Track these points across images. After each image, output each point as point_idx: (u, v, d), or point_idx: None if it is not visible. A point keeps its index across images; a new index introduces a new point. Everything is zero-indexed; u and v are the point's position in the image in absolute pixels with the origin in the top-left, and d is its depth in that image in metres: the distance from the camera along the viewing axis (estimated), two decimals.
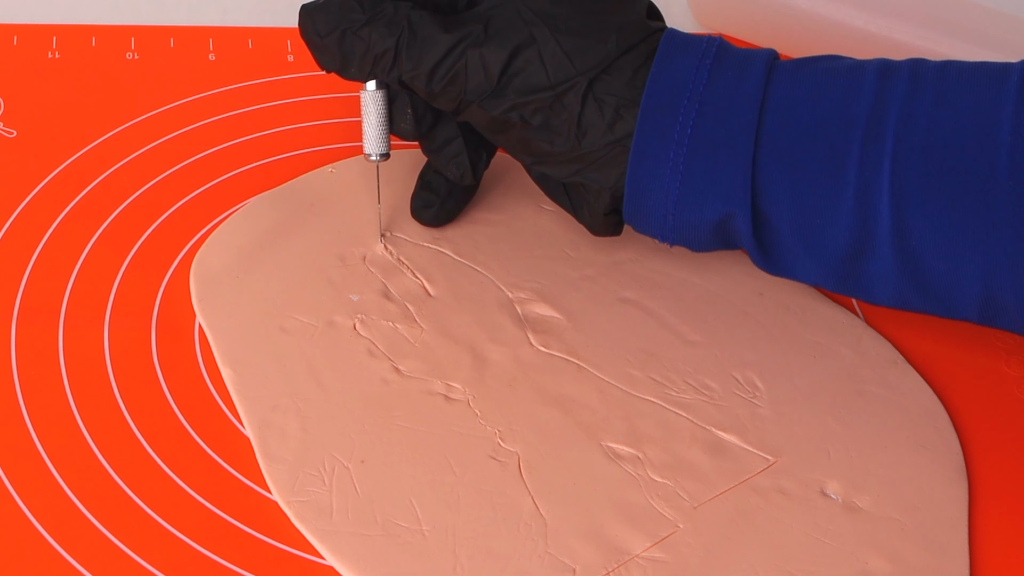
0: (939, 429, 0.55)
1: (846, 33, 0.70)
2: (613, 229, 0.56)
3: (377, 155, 0.57)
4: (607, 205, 0.53)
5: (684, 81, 0.51)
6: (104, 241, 0.59)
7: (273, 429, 0.52)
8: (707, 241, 0.53)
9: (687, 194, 0.51)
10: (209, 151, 0.64)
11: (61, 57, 0.68)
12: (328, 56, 0.55)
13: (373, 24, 0.53)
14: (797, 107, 0.51)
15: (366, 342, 0.55)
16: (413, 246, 0.59)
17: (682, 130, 0.51)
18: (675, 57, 0.52)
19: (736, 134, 0.51)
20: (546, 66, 0.52)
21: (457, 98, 0.53)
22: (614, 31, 0.52)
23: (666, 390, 0.55)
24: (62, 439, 0.52)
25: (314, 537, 0.49)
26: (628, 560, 0.49)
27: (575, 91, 0.52)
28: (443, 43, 0.53)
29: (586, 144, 0.52)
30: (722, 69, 0.52)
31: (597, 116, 0.52)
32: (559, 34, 0.52)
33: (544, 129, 0.52)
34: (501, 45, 0.52)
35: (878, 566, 0.49)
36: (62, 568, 0.48)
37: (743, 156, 0.51)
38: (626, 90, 0.52)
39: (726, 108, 0.51)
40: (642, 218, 0.53)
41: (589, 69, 0.52)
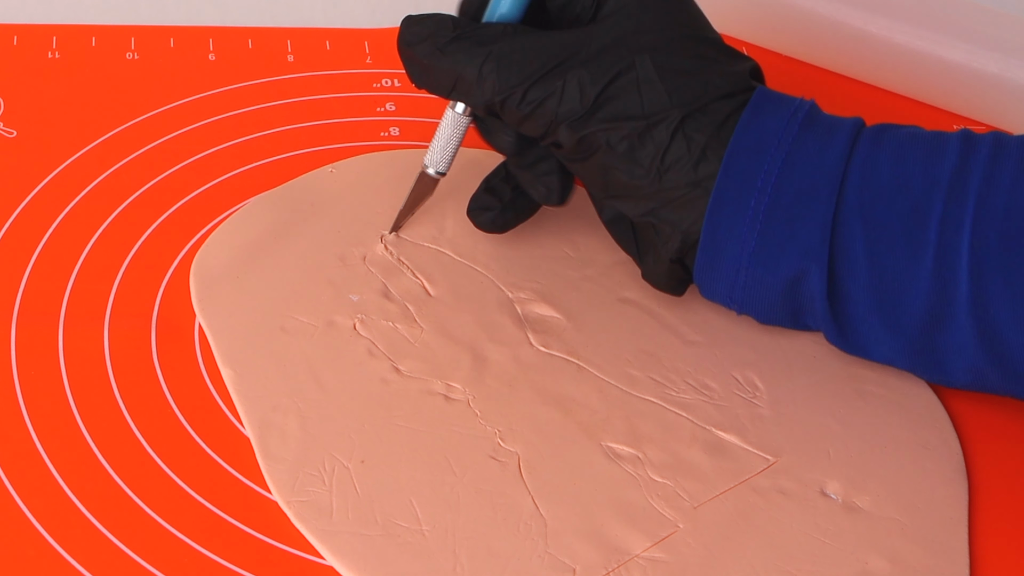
0: (939, 429, 0.55)
1: (846, 33, 0.70)
2: (677, 284, 0.54)
3: (435, 171, 0.58)
4: (675, 251, 0.52)
5: (774, 131, 0.51)
6: (104, 241, 0.59)
7: (273, 429, 0.52)
8: (777, 303, 0.52)
9: (764, 245, 0.51)
10: (209, 151, 0.64)
11: (61, 57, 0.68)
12: (418, 72, 0.54)
13: (459, 42, 0.53)
14: (880, 166, 0.51)
15: (366, 342, 0.55)
16: (413, 246, 0.59)
17: (766, 178, 0.51)
18: (767, 108, 0.52)
19: (820, 187, 0.50)
20: (642, 95, 0.51)
21: (548, 122, 0.52)
22: (716, 76, 0.52)
23: (666, 390, 0.55)
24: (62, 439, 0.52)
25: (314, 537, 0.49)
26: (628, 560, 0.49)
27: (666, 124, 0.51)
28: (538, 62, 0.52)
29: (667, 181, 0.51)
30: (812, 125, 0.51)
31: (683, 153, 0.51)
32: (661, 68, 0.52)
33: (627, 159, 0.52)
34: (601, 69, 0.52)
35: (878, 566, 0.49)
36: (62, 568, 0.48)
37: (825, 209, 0.50)
38: (716, 132, 0.51)
39: (813, 161, 0.51)
40: (713, 270, 0.52)
41: (684, 105, 0.51)
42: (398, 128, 0.66)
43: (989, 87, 0.68)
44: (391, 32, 0.71)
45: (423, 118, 0.67)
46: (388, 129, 0.66)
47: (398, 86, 0.68)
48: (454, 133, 0.57)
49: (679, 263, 0.54)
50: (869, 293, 0.51)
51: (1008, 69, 0.68)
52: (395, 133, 0.66)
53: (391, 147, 0.65)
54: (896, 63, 0.70)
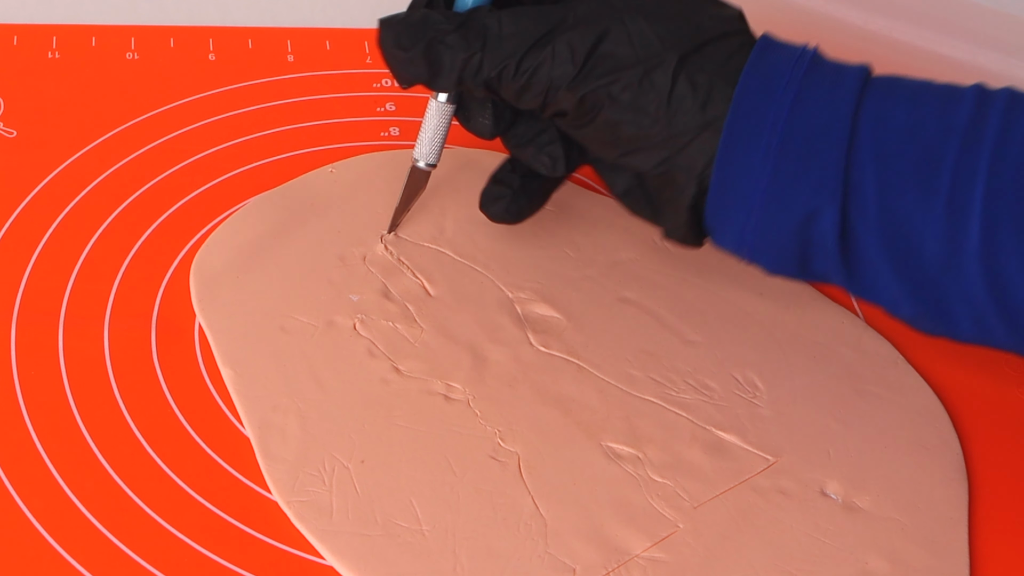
0: (939, 429, 0.55)
1: (845, 32, 0.70)
2: (695, 235, 0.54)
3: (425, 163, 0.58)
4: (692, 196, 0.52)
5: (783, 71, 0.51)
6: (104, 241, 0.59)
7: (273, 429, 0.52)
8: (788, 246, 0.51)
9: (777, 183, 0.50)
10: (209, 151, 0.64)
11: (61, 57, 0.68)
12: (414, 68, 0.54)
13: (460, 31, 0.53)
14: (895, 109, 0.50)
15: (366, 342, 0.55)
16: (413, 246, 0.59)
17: (777, 115, 0.50)
18: (774, 50, 0.52)
19: (833, 125, 0.50)
20: (634, 44, 0.51)
21: (543, 90, 0.52)
22: (706, 19, 0.52)
23: (666, 390, 0.55)
24: (62, 439, 0.52)
25: (314, 537, 0.49)
26: (628, 560, 0.49)
27: (664, 67, 0.51)
28: (529, 34, 0.52)
29: (676, 124, 0.51)
30: (820, 67, 0.51)
31: (688, 94, 0.51)
32: (649, 17, 0.52)
33: (632, 108, 0.51)
34: (588, 27, 0.52)
35: (878, 566, 0.49)
36: (62, 568, 0.48)
37: (838, 147, 0.50)
38: (720, 72, 0.51)
39: (824, 99, 0.50)
40: (726, 214, 0.51)
41: (678, 47, 0.51)
42: (398, 128, 0.66)
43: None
44: None
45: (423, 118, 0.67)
46: (388, 129, 0.66)
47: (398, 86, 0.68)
48: (440, 123, 0.57)
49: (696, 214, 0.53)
50: (879, 235, 0.50)
51: (1008, 69, 0.68)
52: (395, 133, 0.66)
53: (391, 147, 0.65)
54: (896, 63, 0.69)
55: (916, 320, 0.52)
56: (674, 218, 0.53)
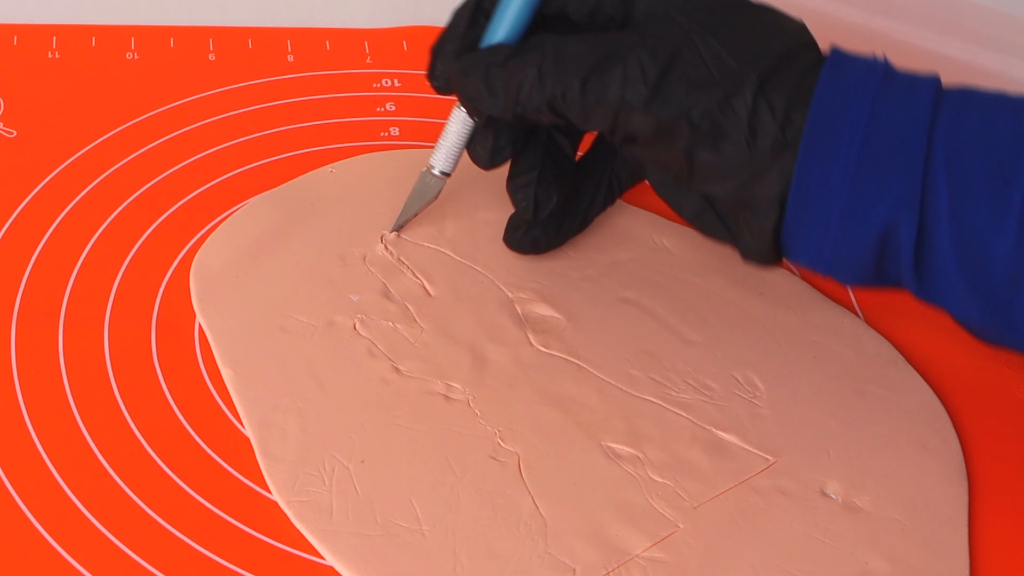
0: (939, 429, 0.55)
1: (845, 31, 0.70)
2: (776, 253, 0.53)
3: (439, 171, 0.58)
4: (776, 221, 0.51)
5: (856, 85, 0.50)
6: (104, 241, 0.59)
7: (273, 429, 0.52)
8: (864, 260, 0.51)
9: (856, 198, 0.50)
10: (209, 151, 0.64)
11: (61, 57, 0.68)
12: (471, 93, 0.53)
13: (519, 55, 0.52)
14: (968, 122, 0.50)
15: (366, 342, 0.55)
16: (413, 246, 0.59)
17: (853, 130, 0.50)
18: (846, 66, 0.51)
19: (909, 135, 0.49)
20: (710, 65, 0.51)
21: (614, 111, 0.51)
22: (776, 35, 0.52)
23: (666, 390, 0.55)
24: (62, 439, 0.52)
25: (314, 537, 0.49)
26: (628, 560, 0.49)
27: (745, 90, 0.50)
28: (594, 51, 0.51)
29: (756, 150, 0.50)
30: (894, 80, 0.51)
31: (767, 117, 0.50)
32: (720, 37, 0.51)
33: (713, 134, 0.51)
34: (659, 47, 0.51)
35: (878, 566, 0.49)
36: (62, 568, 0.48)
37: (915, 157, 0.49)
38: (796, 91, 0.50)
39: (899, 111, 0.50)
40: (803, 232, 0.51)
41: (755, 68, 0.50)
42: (398, 128, 0.66)
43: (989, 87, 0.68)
44: (391, 32, 0.71)
45: (423, 118, 0.67)
46: (388, 129, 0.66)
47: (398, 86, 0.68)
48: (461, 132, 0.57)
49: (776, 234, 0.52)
50: (952, 248, 0.50)
51: (1008, 69, 0.68)
52: (395, 133, 0.66)
53: (391, 147, 0.65)
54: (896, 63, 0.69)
55: (983, 330, 0.52)
56: (756, 242, 0.53)
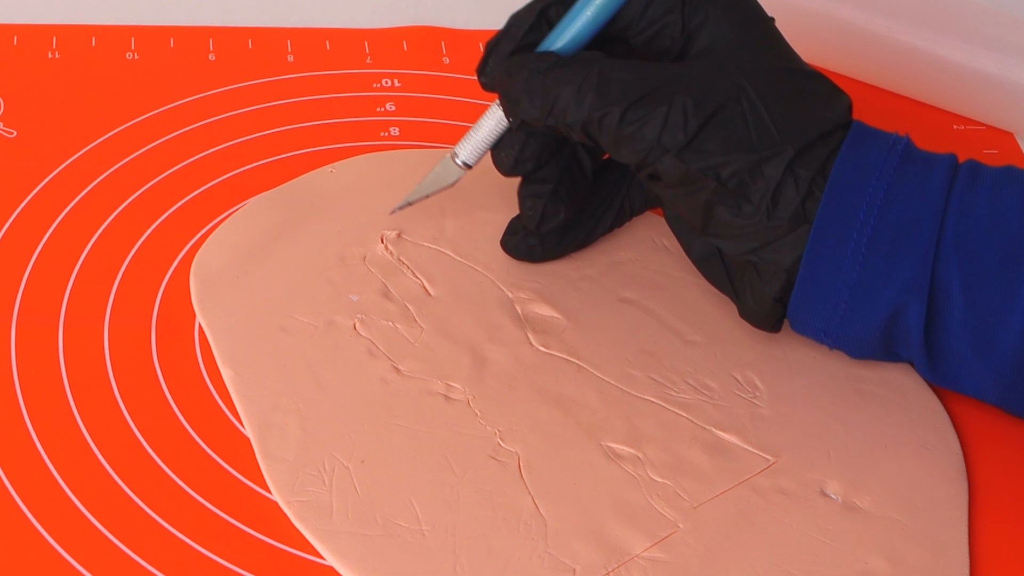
0: (939, 429, 0.55)
1: (846, 32, 0.70)
2: (776, 321, 0.54)
3: (462, 161, 0.56)
4: (779, 289, 0.52)
5: (875, 164, 0.50)
6: (104, 241, 0.59)
7: (273, 429, 0.52)
8: (872, 338, 0.52)
9: (866, 279, 0.50)
10: (209, 151, 0.64)
11: (61, 57, 0.68)
12: (511, 95, 0.53)
13: (563, 67, 0.52)
14: (978, 199, 0.50)
15: (366, 342, 0.55)
16: (413, 246, 0.59)
17: (868, 210, 0.50)
18: (866, 142, 0.51)
19: (922, 220, 0.50)
20: (751, 128, 0.50)
21: (647, 148, 0.51)
22: (820, 110, 0.51)
23: (666, 390, 0.55)
24: (62, 439, 0.52)
25: (314, 537, 0.49)
26: (628, 560, 0.49)
27: (779, 160, 0.50)
28: (640, 83, 0.51)
29: (774, 219, 0.50)
30: (911, 159, 0.51)
31: (792, 189, 0.50)
32: (767, 100, 0.51)
33: (737, 195, 0.50)
34: (707, 96, 0.50)
35: (878, 566, 0.49)
36: (62, 568, 0.48)
37: (927, 243, 0.49)
38: (822, 167, 0.50)
39: (914, 194, 0.50)
40: (811, 306, 0.51)
41: (794, 140, 0.50)
42: (398, 128, 0.66)
43: (989, 87, 0.68)
44: (391, 32, 0.71)
45: (423, 118, 0.67)
46: (388, 129, 0.66)
47: (398, 86, 0.68)
48: (494, 131, 0.56)
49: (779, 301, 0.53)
50: (964, 328, 0.50)
51: (1008, 69, 0.68)
52: (395, 133, 0.66)
53: (391, 147, 0.65)
54: (896, 63, 0.70)
55: (1003, 404, 0.52)
56: (755, 304, 0.53)
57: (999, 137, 0.70)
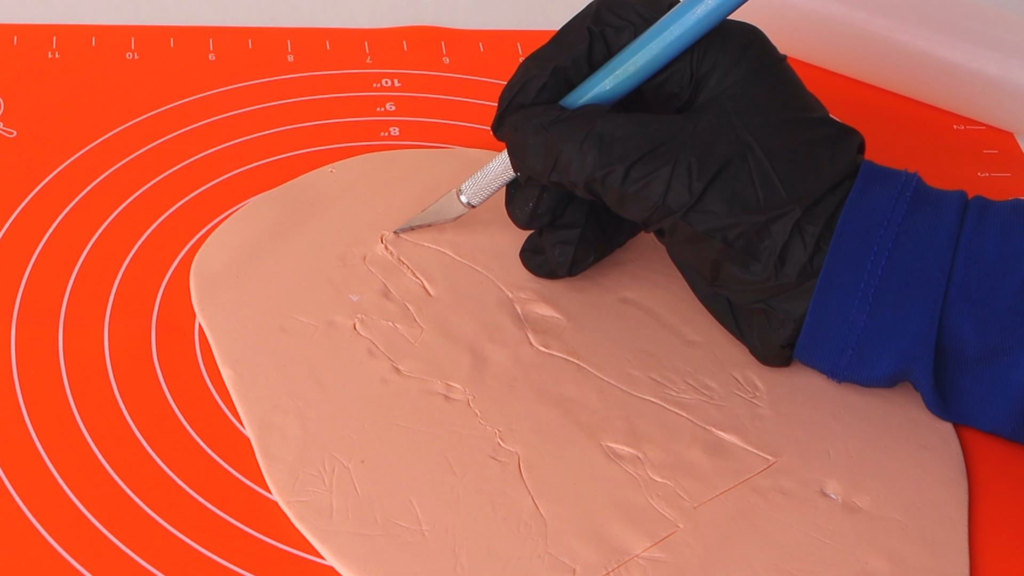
0: (939, 429, 0.54)
1: (845, 32, 0.70)
2: (784, 359, 0.54)
3: (467, 200, 0.57)
4: (788, 337, 0.52)
5: (883, 212, 0.50)
6: (104, 241, 0.59)
7: (273, 429, 0.52)
8: (881, 380, 0.52)
9: (873, 329, 0.50)
10: (209, 151, 0.64)
11: (61, 57, 0.68)
12: (515, 150, 0.53)
13: (565, 122, 0.51)
14: (986, 243, 0.50)
15: (366, 342, 0.55)
16: (413, 246, 0.59)
17: (876, 260, 0.50)
18: (873, 189, 0.50)
19: (930, 270, 0.49)
20: (757, 188, 0.50)
21: (652, 207, 0.50)
22: (827, 164, 0.51)
23: (666, 390, 0.55)
24: (62, 439, 0.52)
25: (314, 537, 0.49)
26: (628, 560, 0.49)
27: (786, 220, 0.50)
28: (644, 141, 0.50)
29: (783, 275, 0.50)
30: (920, 204, 0.50)
31: (799, 247, 0.50)
32: (773, 158, 0.50)
33: (744, 255, 0.50)
34: (711, 155, 0.50)
35: (878, 566, 0.49)
36: (62, 568, 0.48)
37: (935, 292, 0.49)
38: (828, 223, 0.50)
39: (922, 242, 0.50)
40: (817, 351, 0.51)
41: (801, 199, 0.50)
42: (398, 128, 0.66)
43: (989, 87, 0.68)
44: (391, 32, 0.71)
45: (423, 118, 0.67)
46: (388, 129, 0.66)
47: (398, 86, 0.68)
48: (501, 177, 0.56)
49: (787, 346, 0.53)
50: (977, 369, 0.50)
51: (1008, 69, 0.68)
52: (395, 133, 0.66)
53: (391, 147, 0.65)
54: (896, 63, 0.70)
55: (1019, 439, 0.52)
56: (762, 347, 0.53)
57: (999, 137, 0.70)
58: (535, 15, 0.74)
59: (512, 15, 0.74)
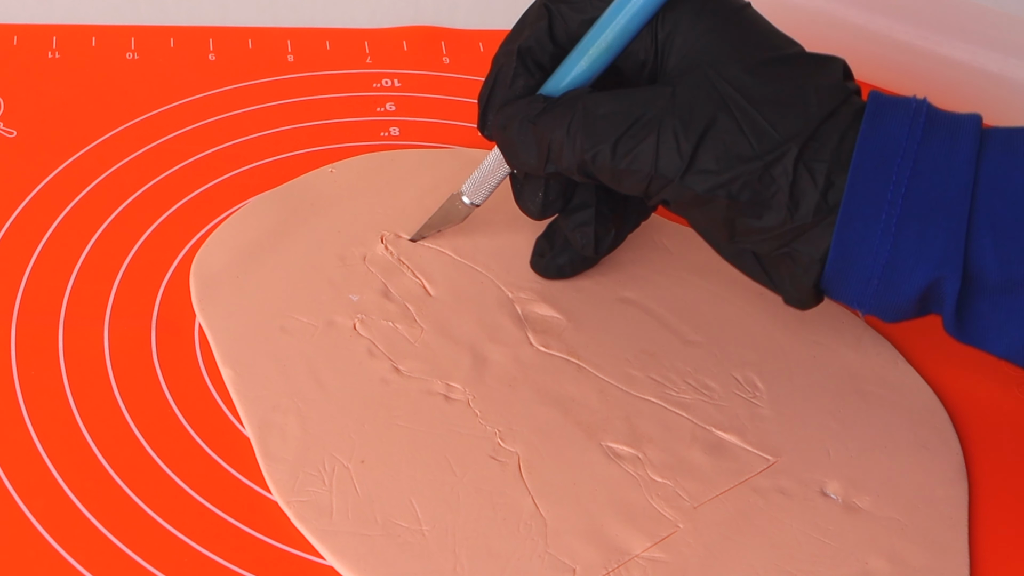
0: (939, 429, 0.55)
1: (845, 32, 0.70)
2: (817, 299, 0.53)
3: (470, 201, 0.57)
4: (817, 276, 0.51)
5: (897, 140, 0.49)
6: (104, 241, 0.59)
7: (273, 429, 0.52)
8: (907, 307, 0.51)
9: (897, 257, 0.49)
10: (209, 151, 0.64)
11: (61, 57, 0.68)
12: (507, 148, 0.53)
13: (550, 111, 0.51)
14: (1012, 171, 0.49)
15: (366, 342, 0.55)
16: (413, 246, 0.59)
17: (896, 190, 0.49)
18: (886, 117, 0.50)
19: (952, 196, 0.48)
20: (747, 136, 0.49)
21: (646, 177, 0.50)
22: (813, 95, 0.50)
23: (666, 390, 0.55)
24: (62, 439, 0.52)
25: (314, 537, 0.49)
26: (628, 560, 0.49)
27: (785, 160, 0.49)
28: (625, 115, 0.50)
29: (798, 217, 0.49)
30: (935, 129, 0.50)
31: (809, 185, 0.49)
32: (756, 103, 0.50)
33: (753, 204, 0.50)
34: (694, 115, 0.49)
35: (878, 566, 0.49)
36: (62, 568, 0.48)
37: (958, 217, 0.48)
38: (836, 155, 0.49)
39: (942, 168, 0.49)
40: (844, 283, 0.50)
41: (795, 136, 0.49)
42: (398, 128, 0.66)
43: (989, 87, 0.68)
44: (391, 32, 0.71)
45: (423, 118, 0.67)
46: (388, 129, 0.66)
47: (398, 86, 0.68)
48: (497, 173, 0.56)
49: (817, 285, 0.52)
50: (997, 296, 0.49)
51: (1008, 69, 0.68)
52: (395, 133, 0.66)
53: (391, 147, 0.65)
54: (896, 63, 0.70)
55: None
56: (796, 292, 0.52)
57: None
58: None
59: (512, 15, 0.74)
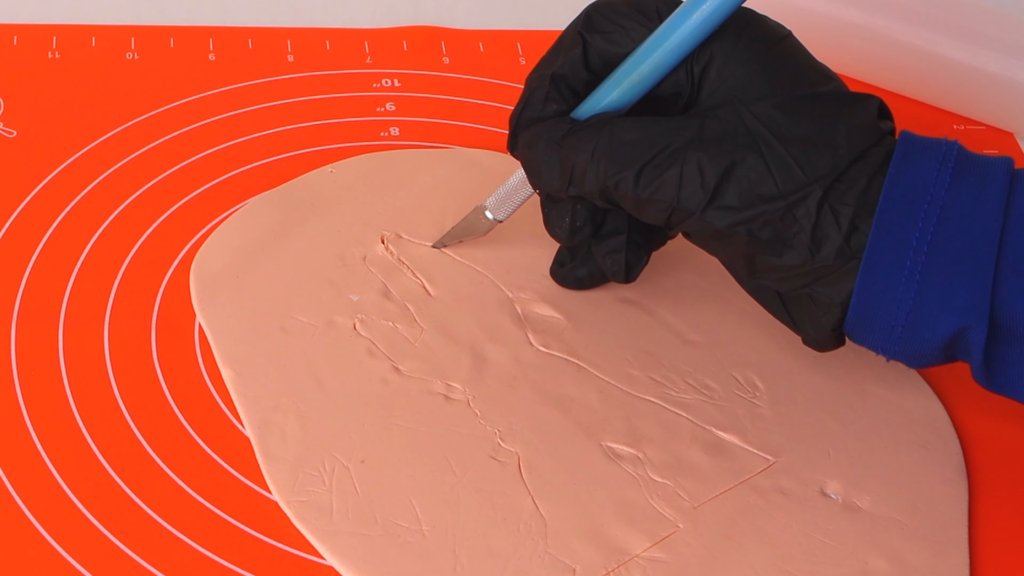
0: (939, 429, 0.55)
1: (845, 32, 0.70)
2: (837, 342, 0.52)
3: (493, 216, 0.57)
4: (837, 320, 0.50)
5: (925, 185, 0.48)
6: (104, 241, 0.59)
7: (273, 429, 0.52)
8: (932, 355, 0.50)
9: (922, 305, 0.48)
10: (209, 151, 0.64)
11: (61, 57, 0.68)
12: (531, 168, 0.52)
13: (576, 134, 0.51)
14: None
15: (366, 342, 0.55)
16: (413, 246, 0.59)
17: (921, 237, 0.48)
18: (914, 160, 0.49)
19: (979, 244, 0.48)
20: (774, 174, 0.48)
21: (668, 208, 0.50)
22: (844, 136, 0.49)
23: (666, 390, 0.55)
24: (62, 439, 0.52)
25: (314, 537, 0.49)
26: (628, 560, 0.49)
27: (809, 201, 0.48)
28: (651, 144, 0.49)
29: (819, 258, 0.49)
30: (964, 174, 0.49)
31: (832, 228, 0.48)
32: (785, 141, 0.49)
33: (774, 242, 0.49)
34: (721, 149, 0.49)
35: (878, 566, 0.49)
36: (62, 568, 0.48)
37: (985, 267, 0.48)
38: (862, 199, 0.48)
39: (969, 215, 0.48)
40: (866, 330, 0.50)
41: (822, 177, 0.48)
42: (398, 128, 0.66)
43: (989, 87, 0.68)
44: (391, 32, 0.71)
45: (423, 118, 0.67)
46: (388, 129, 0.66)
47: (398, 86, 0.68)
48: (521, 192, 0.56)
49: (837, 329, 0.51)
50: None
51: (1008, 69, 0.68)
52: (395, 133, 0.66)
53: (391, 147, 0.65)
54: (896, 63, 0.70)
55: None
56: (815, 333, 0.52)
57: (999, 137, 0.70)
58: (535, 15, 0.74)
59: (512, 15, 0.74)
